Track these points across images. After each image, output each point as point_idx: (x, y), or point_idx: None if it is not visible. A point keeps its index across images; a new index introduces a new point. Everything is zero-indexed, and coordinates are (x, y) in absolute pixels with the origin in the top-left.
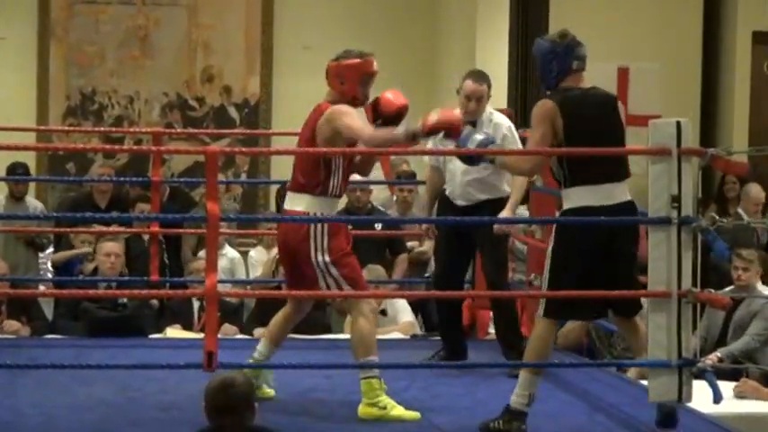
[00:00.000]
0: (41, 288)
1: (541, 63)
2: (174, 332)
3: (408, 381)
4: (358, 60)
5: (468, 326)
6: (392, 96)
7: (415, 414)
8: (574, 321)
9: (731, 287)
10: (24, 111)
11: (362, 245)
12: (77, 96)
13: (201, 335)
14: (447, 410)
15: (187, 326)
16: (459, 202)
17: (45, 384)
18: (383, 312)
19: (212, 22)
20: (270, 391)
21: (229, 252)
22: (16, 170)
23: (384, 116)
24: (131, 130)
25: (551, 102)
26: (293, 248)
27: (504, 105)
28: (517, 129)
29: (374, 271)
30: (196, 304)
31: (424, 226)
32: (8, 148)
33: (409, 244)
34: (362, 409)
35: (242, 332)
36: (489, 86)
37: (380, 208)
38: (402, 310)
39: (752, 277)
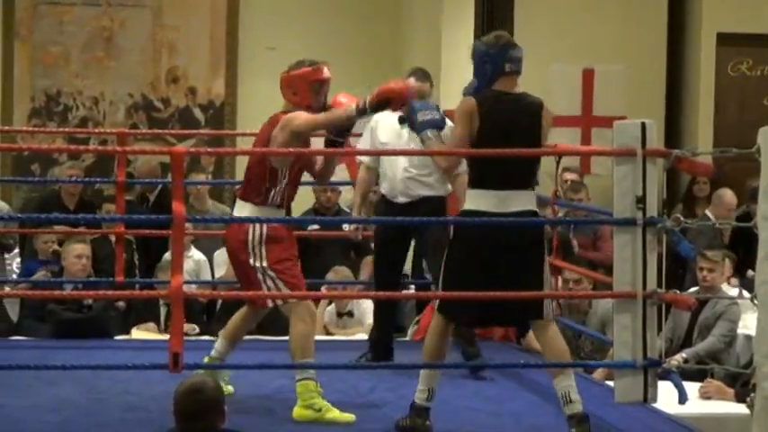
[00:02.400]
0: (6, 289)
1: (476, 65)
2: (139, 333)
3: (375, 381)
4: (307, 69)
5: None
6: (344, 99)
7: (349, 417)
8: None
9: (696, 288)
10: None
11: (328, 246)
12: (42, 97)
13: (167, 336)
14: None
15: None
16: (400, 199)
17: (9, 385)
18: (349, 314)
19: (177, 23)
20: (229, 388)
21: (195, 254)
22: None
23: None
24: (96, 130)
25: (473, 100)
26: (234, 254)
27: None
28: None
29: (340, 272)
30: (164, 306)
31: (353, 226)
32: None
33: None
34: (297, 411)
35: (206, 333)
36: (432, 85)
37: (346, 209)
38: (368, 312)
39: (717, 278)
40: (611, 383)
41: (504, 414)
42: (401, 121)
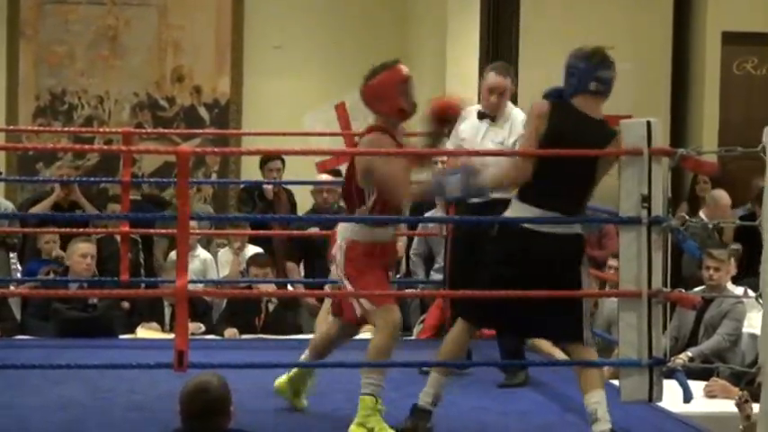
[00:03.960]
0: (11, 288)
1: (565, 73)
2: (144, 332)
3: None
4: (387, 74)
5: (439, 326)
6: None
7: None
8: None
9: (701, 287)
10: None
11: (330, 245)
12: (47, 96)
13: (172, 335)
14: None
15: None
16: (474, 200)
17: (15, 385)
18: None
19: (182, 22)
20: (303, 402)
21: (201, 253)
22: None
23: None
24: (101, 130)
25: (547, 104)
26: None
27: (474, 103)
28: None
29: None
30: (168, 308)
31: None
32: None
33: None
34: (353, 428)
35: (212, 332)
36: (512, 81)
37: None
38: None
39: (722, 277)
40: (616, 382)
41: (510, 413)
42: (480, 116)
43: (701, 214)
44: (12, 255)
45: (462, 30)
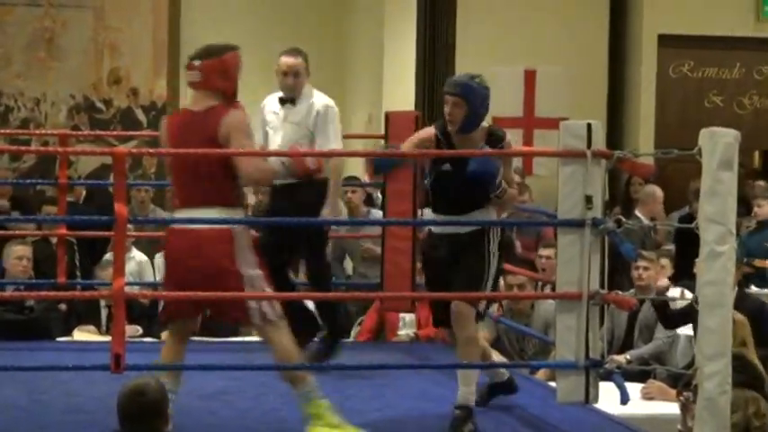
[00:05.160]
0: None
1: (476, 106)
2: (81, 335)
3: (317, 383)
4: (235, 53)
5: (376, 328)
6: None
7: None
8: (483, 327)
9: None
10: None
11: None
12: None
13: (109, 337)
14: (357, 412)
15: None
16: (277, 182)
17: None
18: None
19: (119, 24)
20: None
21: (137, 255)
22: None
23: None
24: (38, 132)
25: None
26: (209, 263)
27: (410, 104)
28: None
29: None
30: (104, 310)
31: None
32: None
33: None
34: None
35: (149, 335)
36: (306, 62)
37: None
38: None
39: (652, 277)
40: (553, 384)
41: (446, 416)
42: (282, 101)
43: (638, 213)
44: None
45: (399, 31)
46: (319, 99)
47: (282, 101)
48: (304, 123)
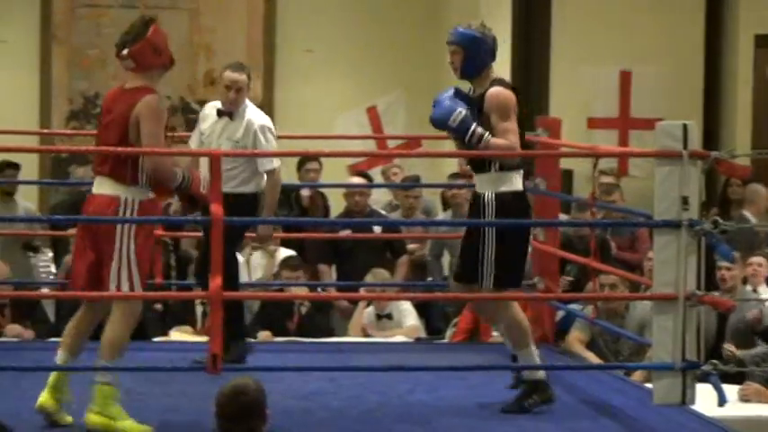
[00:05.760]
0: (44, 291)
1: (473, 51)
2: (177, 335)
3: (412, 383)
4: (157, 26)
5: (472, 329)
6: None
7: (146, 428)
8: (578, 328)
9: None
10: (27, 113)
11: (362, 247)
12: (80, 100)
13: (206, 338)
14: (454, 412)
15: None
16: None
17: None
18: (389, 316)
19: (214, 25)
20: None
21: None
22: (5, 169)
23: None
24: None
25: (512, 93)
26: (93, 232)
27: None
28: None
29: (379, 274)
30: (199, 307)
31: None
32: (9, 150)
33: (410, 247)
34: (91, 418)
35: (246, 335)
36: (249, 77)
37: (381, 211)
38: (407, 314)
39: (736, 278)
40: (649, 385)
41: (545, 417)
42: (219, 113)
43: (746, 212)
44: (44, 257)
45: (494, 31)
46: (257, 117)
47: (220, 113)
48: (242, 143)
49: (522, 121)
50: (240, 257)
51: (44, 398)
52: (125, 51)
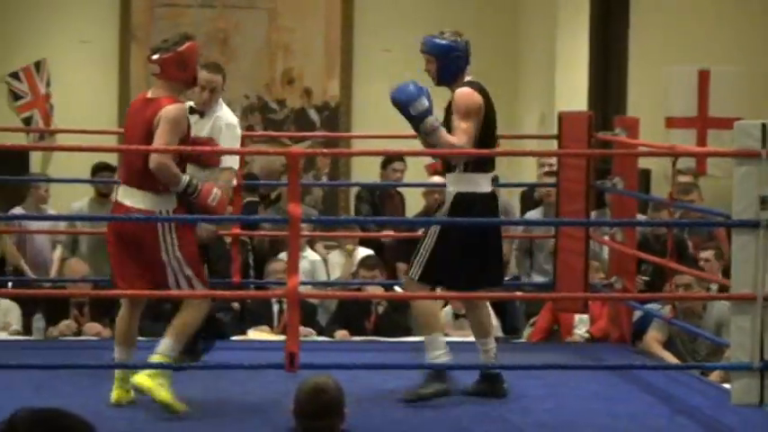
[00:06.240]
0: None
1: (444, 57)
2: (255, 334)
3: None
4: (193, 44)
5: (550, 328)
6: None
7: (181, 406)
8: (655, 328)
9: None
10: (106, 112)
11: None
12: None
13: (282, 337)
14: (527, 411)
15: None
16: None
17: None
18: (466, 315)
19: (292, 24)
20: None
21: (310, 255)
22: (101, 170)
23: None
24: None
25: (479, 95)
26: (136, 243)
27: (583, 104)
28: (597, 131)
29: None
30: (275, 306)
31: None
32: (91, 149)
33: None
34: (141, 378)
35: (321, 334)
36: (224, 78)
37: None
38: None
39: None
40: (727, 386)
41: (622, 416)
42: (191, 111)
43: None
44: None
45: (572, 30)
46: (225, 116)
47: (192, 111)
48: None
49: (489, 124)
50: (317, 256)
51: (117, 393)
52: (155, 57)
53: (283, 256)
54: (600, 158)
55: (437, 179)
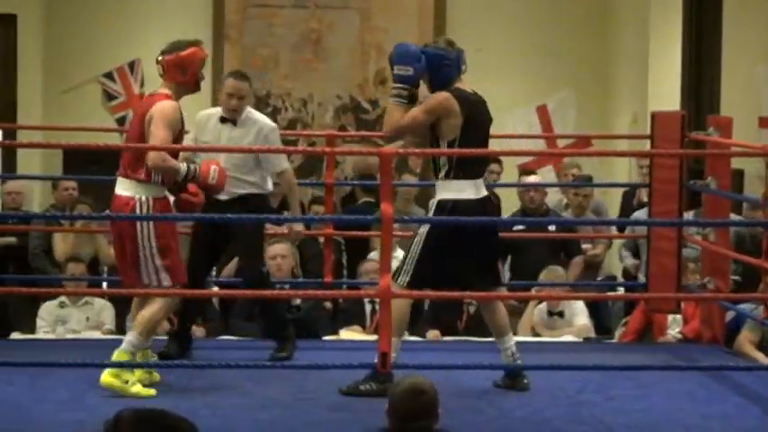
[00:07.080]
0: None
1: (435, 68)
2: (347, 334)
3: (581, 383)
4: (197, 49)
5: (642, 329)
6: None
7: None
8: (748, 329)
9: None
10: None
11: (536, 247)
12: (252, 99)
13: (375, 336)
14: (618, 411)
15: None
16: (222, 197)
17: (219, 385)
18: (560, 314)
19: (385, 25)
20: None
21: (400, 255)
22: None
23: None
24: (305, 132)
25: (452, 98)
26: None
27: (675, 104)
28: (690, 131)
29: (553, 272)
30: (368, 306)
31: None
32: (182, 149)
33: (583, 246)
34: (106, 378)
35: (414, 334)
36: (250, 86)
37: (556, 210)
38: (578, 313)
39: None
40: None
41: (713, 416)
42: (222, 120)
43: None
44: None
45: (664, 34)
46: (264, 120)
47: (223, 120)
48: (254, 146)
49: (470, 130)
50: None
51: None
52: (159, 57)
53: (375, 255)
54: (693, 158)
55: (532, 179)
